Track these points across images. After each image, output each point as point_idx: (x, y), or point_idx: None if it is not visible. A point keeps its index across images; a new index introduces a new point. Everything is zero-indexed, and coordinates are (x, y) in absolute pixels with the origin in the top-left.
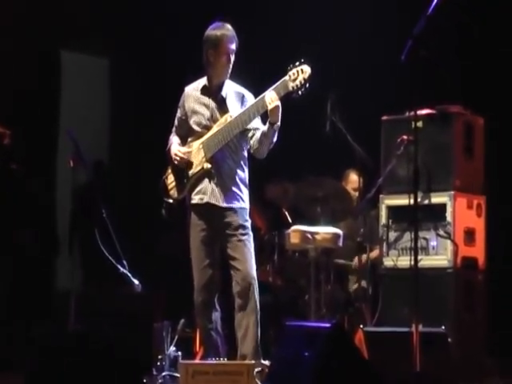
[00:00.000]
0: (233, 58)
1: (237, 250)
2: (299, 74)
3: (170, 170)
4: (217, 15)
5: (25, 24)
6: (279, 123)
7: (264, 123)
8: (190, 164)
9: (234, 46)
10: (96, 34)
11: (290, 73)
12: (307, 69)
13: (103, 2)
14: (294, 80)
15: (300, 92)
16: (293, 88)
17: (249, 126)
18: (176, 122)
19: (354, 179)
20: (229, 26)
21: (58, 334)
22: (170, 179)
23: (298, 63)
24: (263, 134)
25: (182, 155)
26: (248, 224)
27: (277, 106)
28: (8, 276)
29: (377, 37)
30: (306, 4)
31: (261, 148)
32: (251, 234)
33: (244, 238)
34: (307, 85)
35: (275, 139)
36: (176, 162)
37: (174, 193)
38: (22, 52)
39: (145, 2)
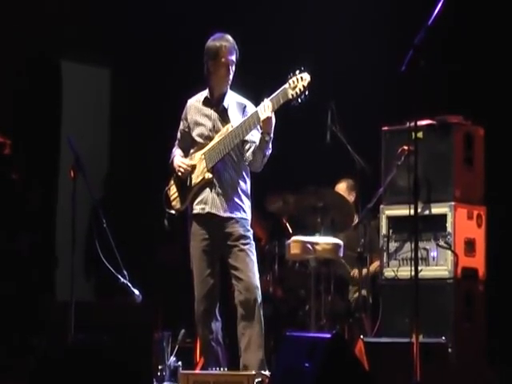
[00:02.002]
0: (233, 68)
1: (238, 259)
2: (299, 81)
3: (172, 182)
4: (218, 25)
5: (25, 34)
6: (272, 135)
7: None
8: (191, 174)
9: (233, 57)
10: (97, 44)
11: (290, 81)
12: (307, 76)
13: (104, 12)
14: (294, 88)
15: (299, 99)
16: (292, 96)
17: (247, 139)
18: (179, 134)
19: (339, 187)
20: (229, 37)
21: (57, 344)
22: (173, 190)
23: (297, 71)
24: (256, 146)
25: (186, 167)
26: (250, 234)
27: (268, 117)
28: (6, 286)
29: (377, 47)
30: (306, 13)
31: (254, 160)
32: (253, 243)
33: (245, 247)
34: (307, 92)
35: (268, 152)
36: (180, 174)
37: (176, 204)
38: (22, 62)
39: (146, 13)
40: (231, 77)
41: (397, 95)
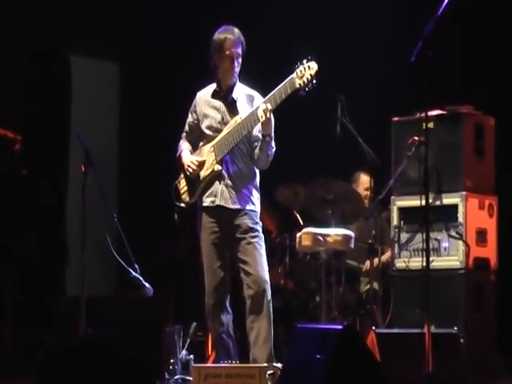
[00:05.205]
0: (239, 61)
1: (247, 253)
2: (306, 70)
3: (182, 175)
4: (225, 19)
5: (35, 29)
6: (272, 135)
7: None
8: (201, 167)
9: (239, 50)
10: (106, 39)
11: (297, 70)
12: (314, 65)
13: (113, 7)
14: (301, 77)
15: (307, 89)
16: (300, 85)
17: (255, 135)
18: (187, 127)
19: (364, 180)
20: (234, 30)
21: (68, 338)
22: (182, 184)
23: (305, 60)
24: (259, 147)
25: (195, 167)
26: (258, 226)
27: (267, 119)
28: (17, 282)
29: (387, 37)
30: (317, 3)
31: (259, 159)
32: (262, 236)
33: (254, 240)
34: (314, 81)
35: (272, 151)
36: (188, 174)
37: (185, 197)
38: (32, 57)
39: (155, 7)
40: (237, 69)
41: (407, 86)
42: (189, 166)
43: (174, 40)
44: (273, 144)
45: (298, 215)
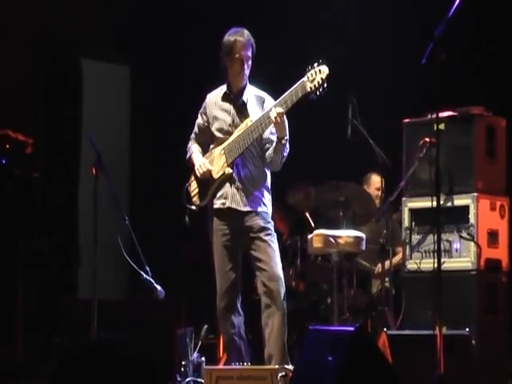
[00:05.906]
0: (248, 63)
1: (261, 250)
2: (317, 74)
3: (192, 178)
4: (235, 20)
5: (46, 33)
6: (287, 137)
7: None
8: (212, 170)
9: (249, 53)
10: (117, 42)
11: (308, 74)
12: (325, 69)
13: (124, 10)
14: (312, 81)
15: (318, 92)
16: (311, 89)
17: (267, 137)
18: (196, 128)
19: (376, 180)
20: (244, 32)
21: (79, 341)
22: (193, 186)
23: (316, 64)
24: (273, 149)
25: (206, 170)
26: (270, 226)
27: (281, 122)
28: (29, 284)
29: (397, 39)
30: (327, 6)
31: (272, 161)
32: (275, 234)
33: (267, 238)
34: (325, 85)
35: (286, 153)
36: (198, 174)
37: (196, 200)
38: (43, 60)
39: (165, 9)
40: (247, 72)
41: (418, 88)
42: (200, 166)
43: (184, 41)
44: (288, 146)
45: (309, 217)
